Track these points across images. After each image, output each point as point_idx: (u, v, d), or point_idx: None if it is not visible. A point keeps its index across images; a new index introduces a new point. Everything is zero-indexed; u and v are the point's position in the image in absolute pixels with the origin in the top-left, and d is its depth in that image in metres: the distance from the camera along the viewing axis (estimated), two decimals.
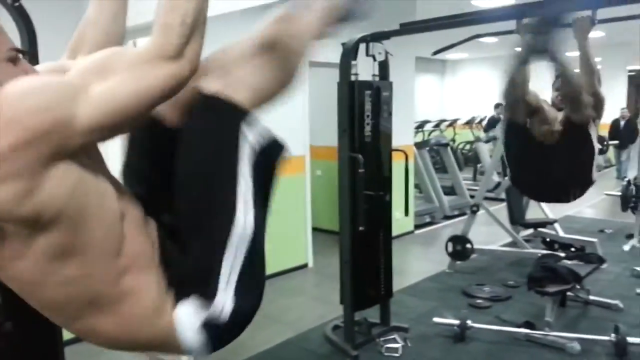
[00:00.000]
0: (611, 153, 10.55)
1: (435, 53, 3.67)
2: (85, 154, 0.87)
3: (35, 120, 0.76)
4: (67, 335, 2.32)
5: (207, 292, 0.99)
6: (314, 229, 4.99)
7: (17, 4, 1.76)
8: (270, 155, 1.14)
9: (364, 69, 3.17)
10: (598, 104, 2.47)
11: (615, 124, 10.05)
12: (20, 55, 0.89)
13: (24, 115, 0.76)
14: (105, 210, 0.90)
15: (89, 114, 0.80)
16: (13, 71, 0.86)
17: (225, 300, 1.00)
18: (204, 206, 1.02)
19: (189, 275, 1.00)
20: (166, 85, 0.85)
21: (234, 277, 1.01)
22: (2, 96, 0.78)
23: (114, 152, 1.08)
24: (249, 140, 1.07)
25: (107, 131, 0.85)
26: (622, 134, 9.85)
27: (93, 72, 0.84)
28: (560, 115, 2.60)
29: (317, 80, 5.19)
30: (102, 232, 0.89)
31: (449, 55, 12.21)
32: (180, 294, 0.99)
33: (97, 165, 0.92)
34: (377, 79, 3.18)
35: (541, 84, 2.88)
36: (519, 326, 3.22)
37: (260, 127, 1.11)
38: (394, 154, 3.29)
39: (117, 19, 1.16)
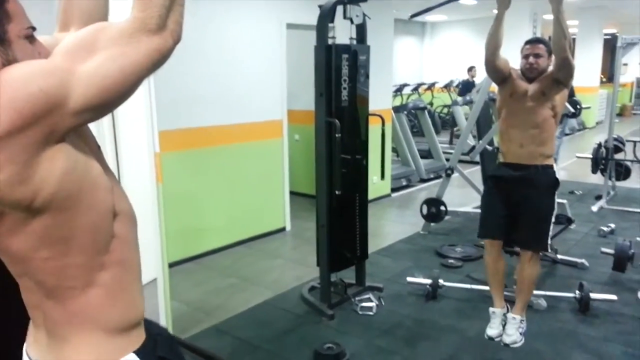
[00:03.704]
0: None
1: (413, 16, 3.63)
2: (79, 139, 0.88)
3: (28, 106, 0.77)
4: None
5: None
6: (292, 193, 5.03)
7: None
8: None
9: (342, 32, 3.15)
10: (567, 70, 2.49)
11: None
12: (35, 34, 0.90)
13: (18, 101, 0.77)
14: (97, 200, 0.91)
15: (79, 94, 0.81)
16: (29, 49, 0.88)
17: None
18: None
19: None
20: (150, 59, 0.86)
21: None
22: (1, 78, 0.78)
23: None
24: None
25: (98, 110, 0.86)
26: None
27: (79, 52, 0.83)
28: (530, 89, 2.59)
29: (296, 42, 5.11)
30: (91, 220, 0.90)
31: (429, 17, 12.08)
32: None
33: (92, 155, 0.93)
34: (354, 42, 3.16)
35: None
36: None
37: None
38: (371, 117, 3.30)
39: None
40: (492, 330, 2.70)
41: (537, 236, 2.62)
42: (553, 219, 2.66)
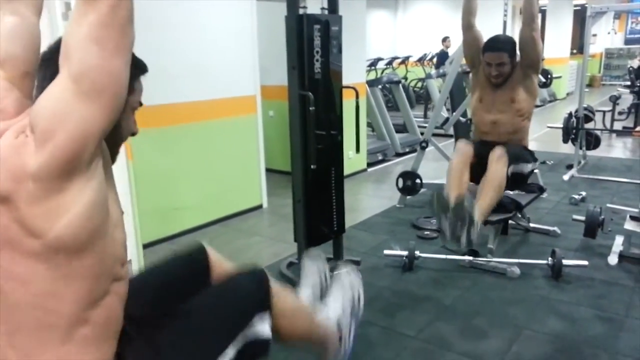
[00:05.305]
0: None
1: None
2: (110, 178, 0.95)
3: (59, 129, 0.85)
4: None
5: None
6: (269, 170, 4.98)
7: None
8: (253, 353, 1.25)
9: (314, 3, 3.07)
10: (536, 42, 2.44)
11: None
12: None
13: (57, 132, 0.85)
14: (110, 242, 0.95)
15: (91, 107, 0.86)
16: (131, 119, 1.10)
17: None
18: (195, 340, 1.12)
19: None
20: (109, 20, 0.83)
21: None
22: None
23: None
24: (253, 329, 1.22)
25: (117, 104, 0.89)
26: None
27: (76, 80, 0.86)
28: (497, 100, 2.47)
29: (267, 15, 5.00)
30: (97, 267, 0.93)
31: None
32: None
33: (116, 200, 0.99)
34: (326, 12, 3.10)
35: None
36: (463, 254, 3.39)
37: (262, 328, 1.25)
38: (345, 91, 3.26)
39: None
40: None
41: (509, 149, 2.58)
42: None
